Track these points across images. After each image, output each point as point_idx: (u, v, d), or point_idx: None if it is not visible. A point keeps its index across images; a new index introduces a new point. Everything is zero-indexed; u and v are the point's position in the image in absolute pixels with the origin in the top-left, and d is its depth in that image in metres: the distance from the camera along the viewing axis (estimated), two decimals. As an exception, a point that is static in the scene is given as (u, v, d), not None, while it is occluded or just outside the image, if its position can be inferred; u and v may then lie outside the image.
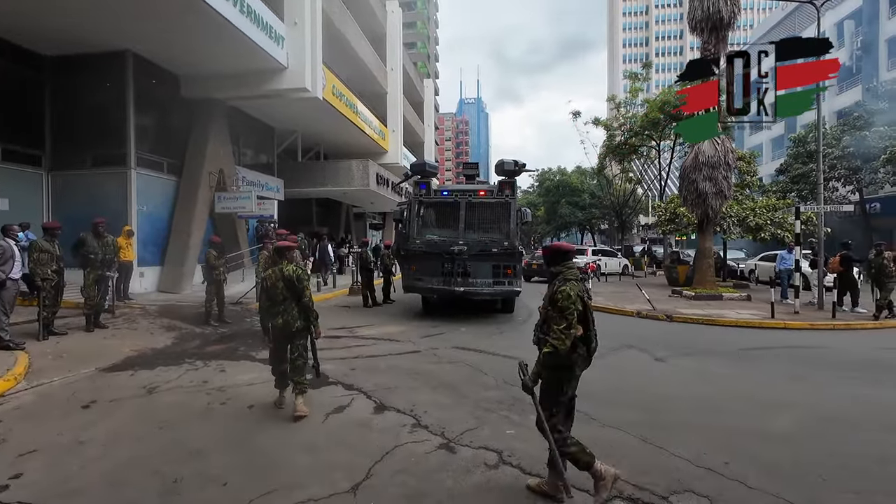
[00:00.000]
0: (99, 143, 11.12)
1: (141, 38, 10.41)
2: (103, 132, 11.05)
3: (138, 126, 11.25)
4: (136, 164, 11.05)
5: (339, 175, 17.78)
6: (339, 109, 15.81)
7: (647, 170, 38.87)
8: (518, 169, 9.49)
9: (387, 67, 23.73)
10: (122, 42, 10.54)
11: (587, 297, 2.81)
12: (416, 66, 41.32)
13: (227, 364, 5.78)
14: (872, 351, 7.26)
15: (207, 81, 12.17)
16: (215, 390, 4.78)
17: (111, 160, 11.05)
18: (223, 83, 12.21)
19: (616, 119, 26.51)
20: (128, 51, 10.79)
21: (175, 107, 12.30)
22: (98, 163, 11.18)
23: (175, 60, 11.52)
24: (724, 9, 12.50)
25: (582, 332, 2.71)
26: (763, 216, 15.44)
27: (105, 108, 10.97)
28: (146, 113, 11.66)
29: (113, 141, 10.99)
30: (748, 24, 65.93)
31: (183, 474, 3.03)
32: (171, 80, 12.12)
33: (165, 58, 11.37)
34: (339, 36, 16.49)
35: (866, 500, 2.85)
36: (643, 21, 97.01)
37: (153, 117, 12.04)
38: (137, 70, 11.08)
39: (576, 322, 2.64)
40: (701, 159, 13.25)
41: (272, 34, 11.15)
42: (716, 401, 4.73)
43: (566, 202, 39.76)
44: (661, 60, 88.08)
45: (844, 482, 3.04)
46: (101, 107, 10.98)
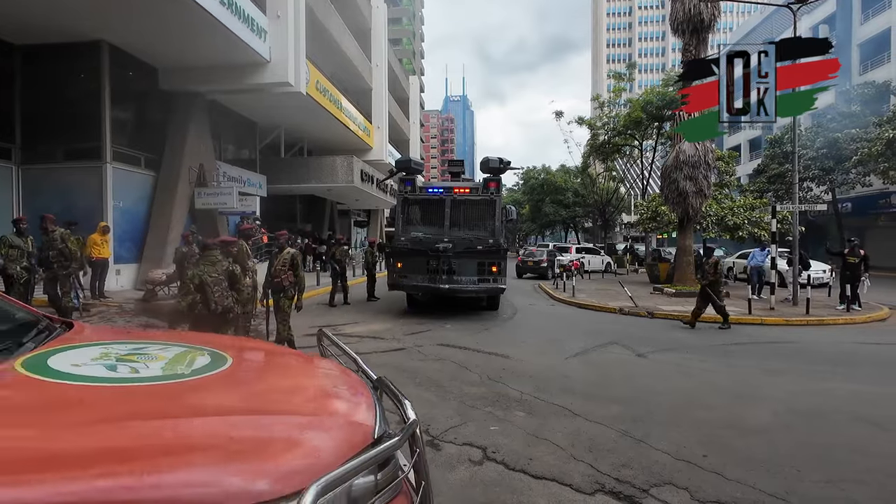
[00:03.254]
0: (72, 136, 10.78)
1: (117, 29, 10.11)
2: (77, 125, 10.71)
3: (114, 119, 10.93)
4: (111, 159, 10.73)
5: (324, 171, 17.60)
6: (323, 105, 15.62)
7: (629, 169, 39.47)
8: (503, 166, 9.54)
9: (372, 63, 23.54)
10: (97, 32, 10.21)
11: None
12: (402, 62, 41.09)
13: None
14: (843, 345, 7.52)
15: (187, 74, 11.89)
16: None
17: (85, 154, 10.71)
18: (203, 76, 11.94)
19: (600, 118, 26.81)
20: (103, 41, 10.47)
21: (153, 100, 11.99)
22: (71, 157, 10.83)
23: (153, 52, 11.22)
24: (704, 11, 12.74)
25: None
26: (741, 215, 15.83)
27: (79, 101, 10.63)
28: (122, 106, 11.34)
29: (87, 134, 10.66)
30: (728, 26, 67.32)
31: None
32: (149, 72, 11.81)
33: (143, 49, 11.06)
34: (323, 30, 16.29)
35: (836, 487, 2.95)
36: (626, 22, 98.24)
37: (130, 110, 11.72)
38: (113, 61, 10.76)
39: None
40: (682, 159, 13.50)
41: (254, 27, 10.95)
42: (695, 395, 4.83)
43: (550, 201, 40.08)
44: (643, 61, 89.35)
45: (817, 472, 3.13)
46: (75, 99, 10.64)
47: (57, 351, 1.64)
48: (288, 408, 1.46)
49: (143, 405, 1.32)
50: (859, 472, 3.16)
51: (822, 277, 14.92)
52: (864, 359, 6.71)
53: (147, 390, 1.42)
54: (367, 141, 22.06)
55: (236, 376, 1.68)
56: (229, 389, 1.55)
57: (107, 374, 1.51)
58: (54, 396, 1.31)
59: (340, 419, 1.40)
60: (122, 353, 1.69)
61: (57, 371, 1.44)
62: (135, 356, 1.69)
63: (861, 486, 2.96)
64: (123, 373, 1.52)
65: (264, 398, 1.52)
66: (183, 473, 1.02)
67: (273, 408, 1.43)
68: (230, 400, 1.47)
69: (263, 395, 1.56)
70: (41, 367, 1.47)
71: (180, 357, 1.74)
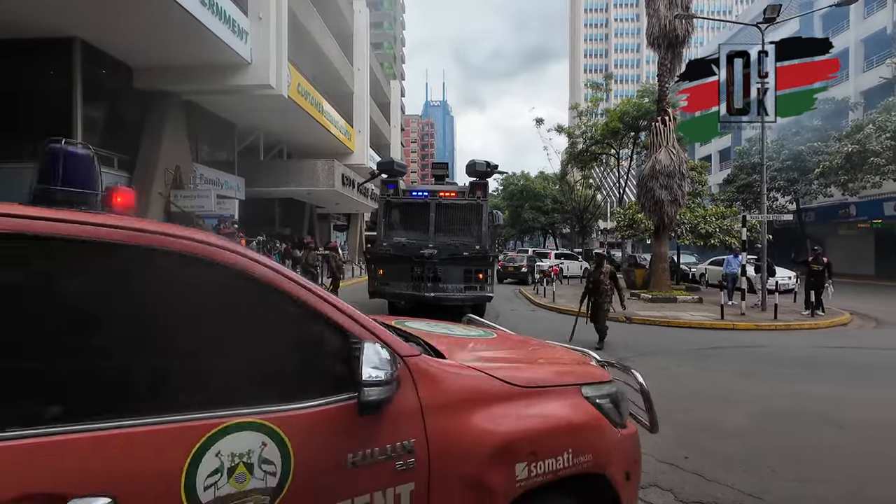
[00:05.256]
0: (41, 134, 10.22)
1: (91, 26, 9.81)
2: (46, 123, 10.30)
3: (86, 118, 10.57)
4: (83, 159, 10.36)
5: (304, 175, 17.40)
6: (305, 108, 15.48)
7: (606, 176, 40.37)
8: (490, 170, 9.15)
9: (353, 67, 23.47)
10: (71, 29, 9.89)
11: None
12: (383, 66, 41.09)
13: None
14: (810, 349, 7.88)
15: (164, 73, 11.62)
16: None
17: None
18: (181, 76, 11.69)
19: (578, 127, 27.38)
20: (76, 38, 10.14)
21: (127, 99, 11.66)
22: (38, 156, 10.40)
23: (129, 50, 10.93)
24: (679, 27, 13.21)
25: None
26: (713, 223, 16.40)
27: (49, 98, 10.26)
28: (95, 104, 10.98)
29: (56, 133, 10.16)
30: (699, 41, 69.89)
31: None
32: (124, 71, 11.48)
33: (118, 47, 10.76)
34: (305, 33, 16.17)
35: (807, 486, 3.11)
36: (603, 33, 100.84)
37: (103, 109, 11.36)
38: (86, 59, 10.43)
39: None
40: (658, 168, 13.91)
41: (235, 28, 10.80)
42: (674, 398, 4.98)
43: (529, 207, 40.61)
44: (620, 72, 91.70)
45: (790, 471, 3.29)
46: (45, 96, 10.26)
47: (400, 323, 2.39)
48: (560, 355, 2.25)
49: (501, 343, 2.41)
50: (827, 472, 3.34)
51: (787, 283, 15.59)
52: (828, 362, 7.05)
53: (483, 339, 2.40)
54: (349, 144, 21.95)
55: (509, 339, 2.55)
56: (515, 345, 2.41)
57: (450, 332, 2.36)
58: (462, 340, 2.27)
59: (592, 364, 2.21)
60: (426, 327, 2.44)
61: (436, 332, 2.30)
62: (432, 327, 2.46)
63: (830, 485, 3.14)
64: (456, 332, 2.43)
65: (540, 349, 2.36)
66: (564, 367, 2.06)
67: (553, 354, 2.28)
68: (525, 348, 2.36)
69: (537, 348, 2.39)
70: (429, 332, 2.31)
71: (454, 327, 2.62)
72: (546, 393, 1.77)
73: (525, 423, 1.64)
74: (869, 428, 4.16)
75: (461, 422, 1.52)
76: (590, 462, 1.73)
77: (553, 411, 1.74)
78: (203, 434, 1.15)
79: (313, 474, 1.27)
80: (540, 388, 1.76)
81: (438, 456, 1.45)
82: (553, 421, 1.72)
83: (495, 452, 1.53)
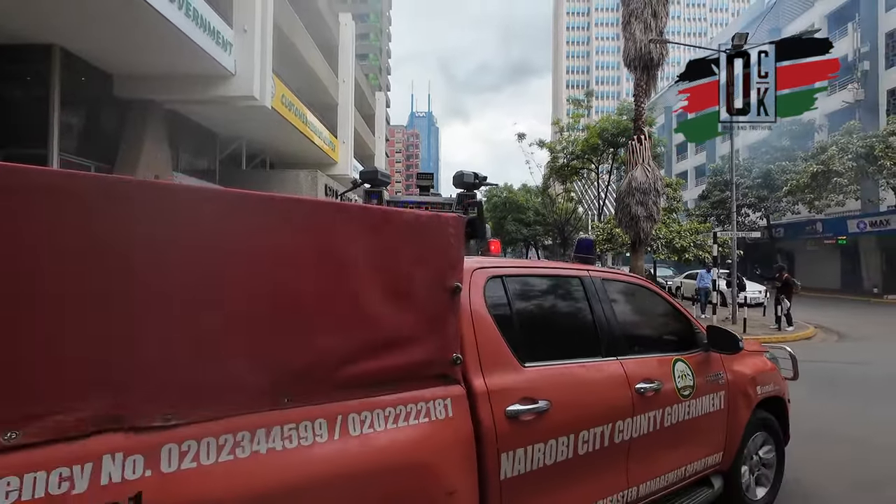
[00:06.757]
0: (14, 142, 10.14)
1: (71, 34, 9.71)
2: (20, 131, 10.10)
3: (63, 126, 10.39)
4: (58, 167, 10.17)
5: (286, 185, 17.32)
6: (289, 119, 15.50)
7: (587, 190, 41.21)
8: (478, 182, 9.43)
9: (339, 79, 23.59)
10: (48, 36, 9.76)
11: None
12: (368, 77, 41.34)
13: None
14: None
15: (145, 82, 11.52)
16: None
17: (29, 161, 9.80)
18: (163, 85, 11.61)
19: (559, 142, 27.99)
20: (54, 45, 10.00)
21: (106, 107, 11.52)
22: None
23: (109, 59, 10.83)
24: (654, 51, 13.75)
25: None
26: (687, 239, 16.94)
27: (24, 105, 10.08)
28: (73, 111, 10.82)
29: (31, 140, 10.07)
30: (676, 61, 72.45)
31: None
32: (103, 79, 11.35)
33: (98, 55, 10.65)
34: (290, 45, 16.26)
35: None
36: (585, 51, 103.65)
37: (81, 116, 11.19)
38: (65, 66, 10.28)
39: None
40: (634, 185, 14.34)
41: (219, 40, 10.82)
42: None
43: (512, 219, 41.09)
44: (600, 88, 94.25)
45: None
46: (19, 103, 10.08)
47: None
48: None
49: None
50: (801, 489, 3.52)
51: (757, 297, 16.16)
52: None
53: None
54: (332, 155, 21.97)
55: None
56: None
57: None
58: None
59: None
60: None
61: None
62: None
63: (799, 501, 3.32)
64: None
65: None
66: (754, 344, 3.77)
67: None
68: None
69: None
70: None
71: None
72: (759, 353, 3.39)
73: (757, 368, 3.18)
74: (816, 440, 4.39)
75: (737, 365, 3.01)
76: (778, 390, 3.31)
77: (762, 364, 3.29)
78: (670, 361, 2.62)
79: (700, 382, 2.70)
80: (754, 352, 3.33)
81: (731, 380, 2.92)
82: (764, 367, 3.27)
83: (749, 380, 3.06)
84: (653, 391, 2.36)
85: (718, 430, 2.80)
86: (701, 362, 2.75)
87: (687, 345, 2.80)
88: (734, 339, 2.85)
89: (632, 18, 13.95)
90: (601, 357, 2.29)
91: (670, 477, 2.49)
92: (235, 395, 1.26)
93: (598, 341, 2.33)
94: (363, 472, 1.39)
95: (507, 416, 1.78)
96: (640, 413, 2.28)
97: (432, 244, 1.66)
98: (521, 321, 2.11)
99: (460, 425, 1.64)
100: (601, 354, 2.30)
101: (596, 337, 2.33)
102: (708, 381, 2.74)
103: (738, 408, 2.90)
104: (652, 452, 2.36)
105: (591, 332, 2.34)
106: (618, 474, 2.20)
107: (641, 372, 2.37)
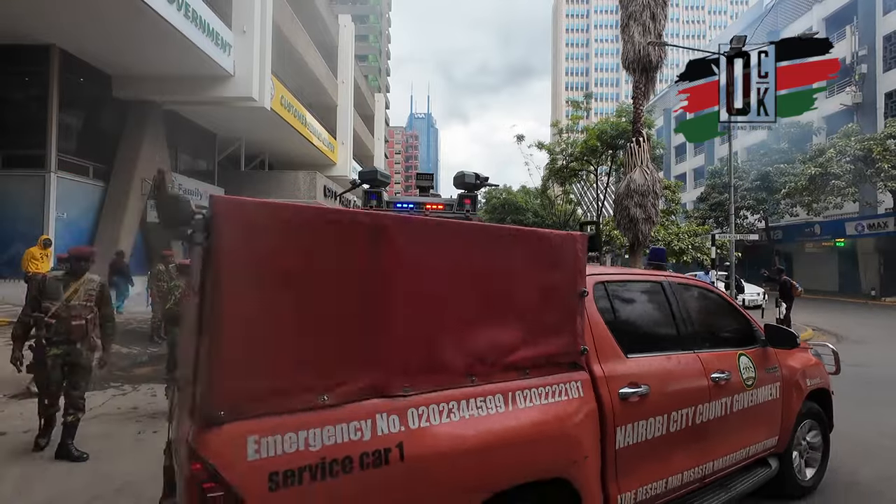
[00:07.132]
0: (14, 141, 10.14)
1: (71, 35, 9.72)
2: (19, 131, 10.11)
3: (62, 126, 10.40)
4: (56, 167, 10.17)
5: (285, 186, 17.31)
6: (287, 120, 15.51)
7: (586, 192, 41.25)
8: (480, 182, 9.32)
9: (338, 80, 23.60)
10: (48, 36, 9.78)
11: None
12: (367, 78, 41.35)
13: (159, 388, 5.46)
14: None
15: (144, 83, 11.53)
16: (146, 417, 4.52)
17: (27, 161, 10.11)
18: (162, 86, 11.62)
19: (558, 144, 28.00)
20: (53, 45, 10.01)
21: (105, 107, 11.51)
22: (11, 164, 10.18)
23: (108, 59, 10.84)
24: (652, 53, 13.77)
25: None
26: (685, 241, 16.95)
27: (23, 105, 10.09)
28: (72, 112, 10.83)
29: (30, 140, 10.07)
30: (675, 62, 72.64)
31: (112, 510, 2.88)
32: (102, 79, 11.35)
33: (97, 56, 10.66)
34: (289, 46, 16.27)
35: None
36: (584, 53, 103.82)
37: (79, 117, 11.20)
38: (64, 66, 10.30)
39: None
40: (632, 187, 14.34)
41: (219, 41, 10.83)
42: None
43: (511, 220, 41.09)
44: (599, 90, 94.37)
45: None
46: (19, 103, 10.08)
47: None
48: None
49: None
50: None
51: (756, 300, 16.18)
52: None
53: None
54: (331, 157, 21.97)
55: None
56: None
57: None
58: None
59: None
60: None
61: None
62: None
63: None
64: None
65: None
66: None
67: None
68: None
69: None
70: None
71: None
72: (805, 349, 3.62)
73: (805, 363, 3.46)
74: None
75: (789, 360, 3.32)
76: (824, 382, 3.60)
77: (809, 358, 3.56)
78: (735, 355, 2.98)
79: (761, 374, 3.05)
80: (801, 348, 3.51)
81: (785, 373, 3.24)
82: (811, 362, 3.54)
83: (800, 373, 3.35)
84: (724, 380, 2.76)
85: (775, 417, 3.17)
86: (760, 356, 3.12)
87: (748, 340, 3.17)
88: (792, 336, 3.22)
89: (630, 21, 13.98)
90: (682, 350, 2.70)
91: (737, 455, 2.87)
92: (444, 374, 1.74)
93: (679, 337, 2.74)
94: (529, 437, 1.85)
95: (619, 398, 2.21)
96: (715, 399, 2.70)
97: (567, 257, 2.10)
98: (621, 319, 2.55)
99: (589, 403, 2.10)
100: (682, 348, 2.71)
101: (677, 333, 2.75)
102: (767, 373, 3.11)
103: (791, 397, 3.26)
104: (724, 433, 2.77)
105: (672, 328, 2.75)
106: (698, 451, 2.62)
107: (715, 364, 2.77)
